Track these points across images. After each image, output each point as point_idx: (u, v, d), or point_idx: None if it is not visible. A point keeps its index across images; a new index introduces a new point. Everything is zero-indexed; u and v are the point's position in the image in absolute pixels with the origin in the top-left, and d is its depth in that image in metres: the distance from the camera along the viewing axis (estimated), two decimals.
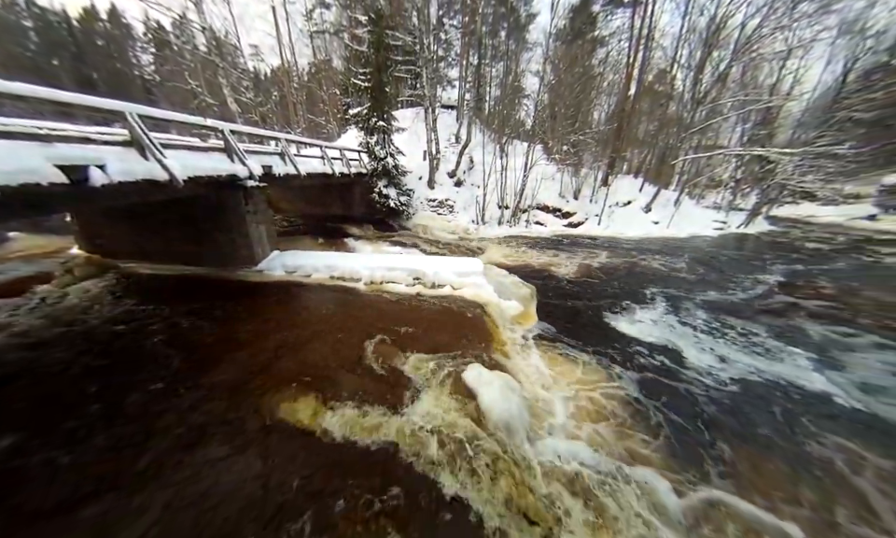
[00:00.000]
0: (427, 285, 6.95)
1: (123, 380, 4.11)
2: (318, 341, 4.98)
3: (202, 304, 6.08)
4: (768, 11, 17.63)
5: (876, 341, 6.95)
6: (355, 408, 3.66)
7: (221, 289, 6.89)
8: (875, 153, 26.48)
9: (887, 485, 3.57)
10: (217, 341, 4.95)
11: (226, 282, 7.20)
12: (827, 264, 13.44)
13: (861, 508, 3.32)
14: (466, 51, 19.75)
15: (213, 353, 4.65)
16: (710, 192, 25.95)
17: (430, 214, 16.82)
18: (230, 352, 4.67)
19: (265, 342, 4.92)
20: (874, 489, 3.52)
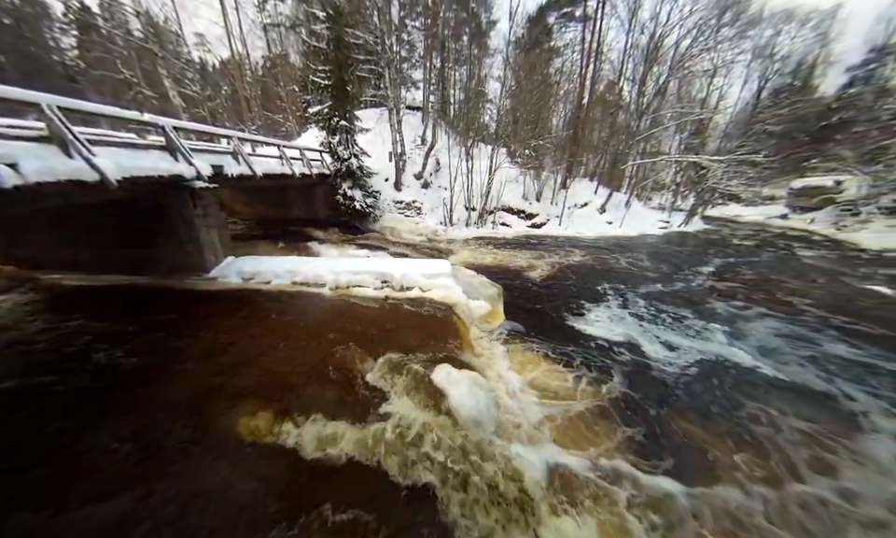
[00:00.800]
0: (396, 288, 6.89)
1: (37, 413, 3.60)
2: (280, 351, 4.74)
3: (143, 318, 5.50)
4: (697, 34, 19.86)
5: (783, 318, 8.17)
6: (321, 418, 3.53)
7: (167, 299, 6.28)
8: (784, 161, 30.86)
9: (793, 431, 4.21)
10: (162, 358, 4.51)
11: (173, 292, 6.57)
12: (751, 257, 15.42)
13: (778, 453, 3.88)
14: (429, 54, 19.86)
15: (158, 372, 4.23)
16: (656, 195, 28.54)
17: (398, 216, 16.66)
18: (179, 370, 4.28)
19: (221, 355, 4.58)
20: (785, 438, 4.13)
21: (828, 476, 3.78)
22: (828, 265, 14.36)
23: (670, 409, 4.73)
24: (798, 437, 4.37)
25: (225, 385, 3.99)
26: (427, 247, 13.55)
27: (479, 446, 3.38)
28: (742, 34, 21.95)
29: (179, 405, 3.66)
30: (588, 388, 5.00)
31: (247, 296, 6.54)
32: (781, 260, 15.21)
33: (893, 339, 7.32)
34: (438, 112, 22.60)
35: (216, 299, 6.41)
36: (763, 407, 4.91)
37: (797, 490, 3.58)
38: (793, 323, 8.04)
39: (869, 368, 6.18)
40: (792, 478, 3.73)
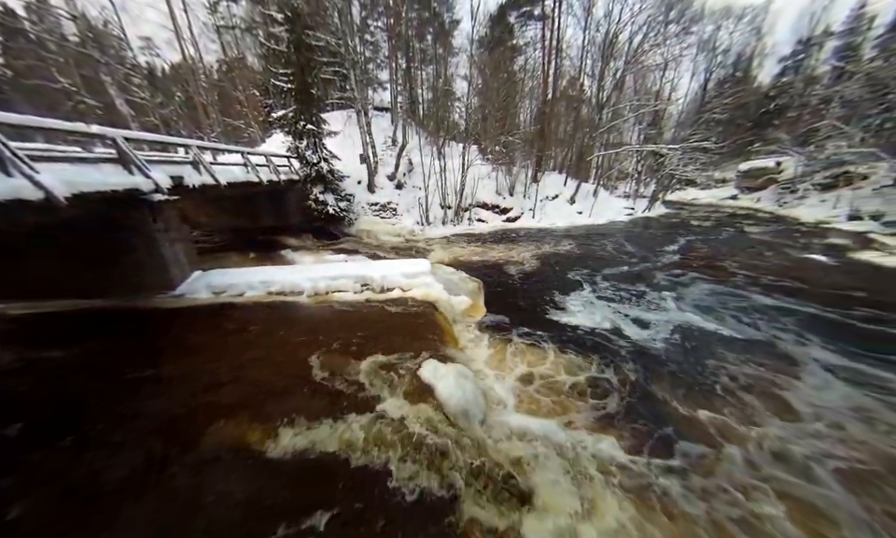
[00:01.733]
0: (376, 290, 6.88)
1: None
2: (260, 363, 4.62)
3: (104, 343, 5.15)
4: (647, 30, 21.09)
5: (736, 287, 9.00)
6: (310, 425, 3.51)
7: (132, 321, 5.91)
8: (732, 146, 33.43)
9: (746, 377, 4.70)
10: (132, 385, 4.27)
11: (137, 313, 6.18)
12: (707, 236, 16.67)
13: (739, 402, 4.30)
14: (394, 54, 19.75)
15: (129, 401, 4.01)
16: (621, 183, 30.03)
17: (373, 218, 16.49)
18: (153, 395, 4.07)
19: (196, 375, 4.39)
20: (739, 385, 4.58)
21: (779, 410, 4.25)
22: (772, 239, 15.80)
23: (642, 377, 5.08)
24: (750, 381, 4.89)
25: (205, 404, 3.84)
26: (406, 247, 13.54)
27: (468, 434, 3.50)
28: (687, 29, 23.58)
29: (156, 431, 3.50)
30: (566, 366, 5.26)
31: (220, 311, 6.29)
32: (733, 237, 16.56)
33: (828, 296, 8.29)
34: (407, 112, 22.55)
35: (185, 316, 6.11)
36: (721, 362, 5.46)
37: (758, 433, 4.01)
38: (744, 291, 8.84)
39: (807, 318, 6.99)
40: (751, 423, 4.16)
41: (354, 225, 15.54)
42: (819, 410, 4.56)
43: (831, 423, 4.33)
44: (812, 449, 3.89)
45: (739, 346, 6.20)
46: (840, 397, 4.85)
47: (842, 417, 4.44)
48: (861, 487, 3.46)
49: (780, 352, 5.98)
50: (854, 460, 3.78)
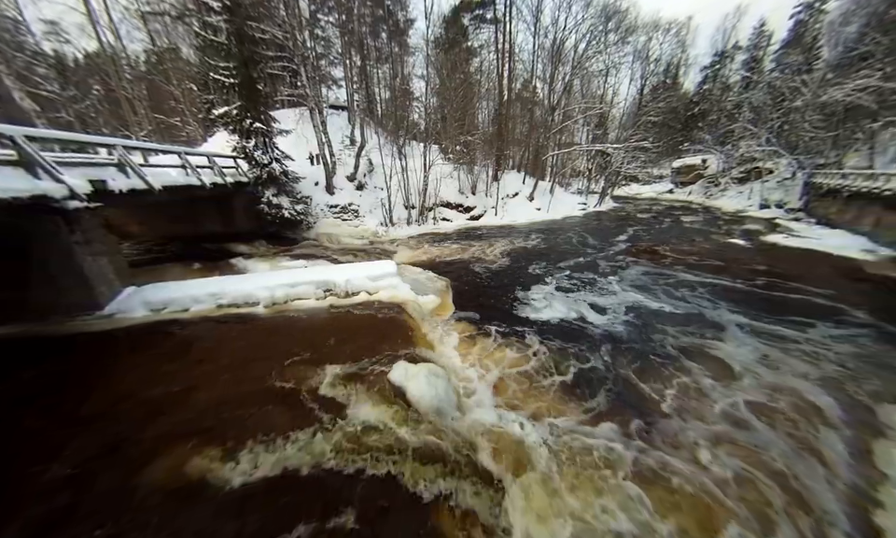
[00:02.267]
0: (340, 295, 6.61)
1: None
2: (212, 383, 4.21)
3: (10, 380, 4.36)
4: (590, 38, 22.66)
5: (674, 269, 10.02)
6: (272, 443, 3.27)
7: (48, 349, 5.06)
8: (666, 146, 37.13)
9: (685, 346, 5.25)
10: (43, 431, 3.65)
11: (56, 339, 5.31)
12: (649, 226, 18.36)
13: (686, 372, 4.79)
14: (347, 50, 19.09)
15: (43, 450, 3.43)
16: (574, 180, 31.97)
17: (334, 221, 15.83)
18: (78, 433, 3.52)
19: (134, 404, 3.88)
20: (683, 351, 5.11)
21: (716, 374, 4.81)
22: (702, 227, 17.84)
23: (602, 358, 5.45)
24: (687, 346, 5.51)
25: (143, 439, 3.41)
26: (370, 249, 13.19)
27: (443, 432, 3.50)
28: (623, 39, 25.76)
29: (71, 484, 3.03)
30: (534, 356, 5.48)
31: (160, 329, 5.63)
32: (671, 227, 18.42)
33: (743, 272, 9.61)
34: (364, 111, 21.96)
35: (117, 339, 5.38)
36: (665, 334, 6.05)
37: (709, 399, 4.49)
38: (680, 272, 9.90)
39: (728, 291, 8.06)
40: (692, 380, 4.65)
41: (313, 229, 14.80)
42: (739, 362, 5.32)
43: (748, 371, 5.11)
44: (739, 396, 4.49)
45: (678, 318, 7.02)
46: (751, 350, 5.76)
47: (755, 365, 5.29)
48: (775, 419, 4.12)
49: (708, 320, 6.93)
50: (768, 398, 4.46)
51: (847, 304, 7.64)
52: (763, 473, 3.47)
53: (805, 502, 3.19)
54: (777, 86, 25.90)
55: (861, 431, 4.09)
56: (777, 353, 5.71)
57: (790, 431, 4.06)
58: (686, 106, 37.85)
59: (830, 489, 3.33)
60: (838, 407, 4.44)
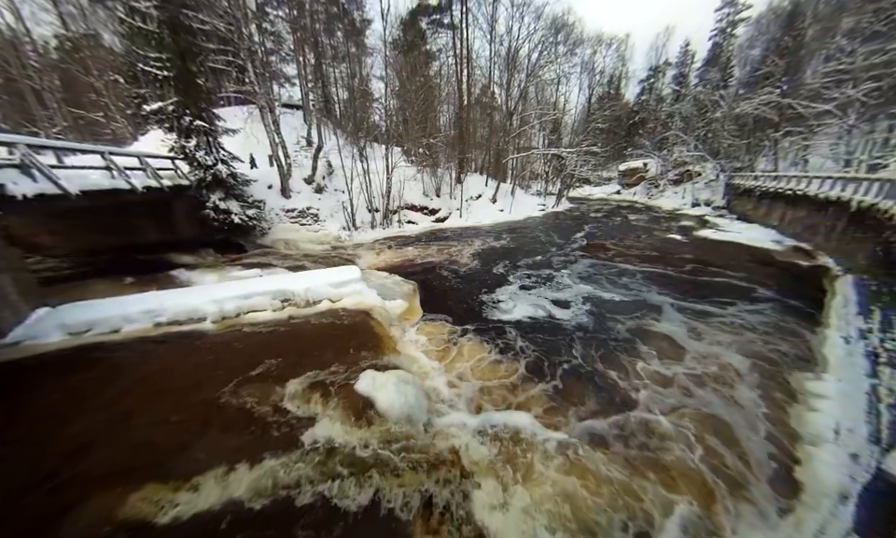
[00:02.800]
0: (300, 304, 6.22)
1: None
2: (150, 412, 3.73)
3: None
4: (542, 48, 23.92)
5: (624, 262, 10.91)
6: (225, 474, 2.96)
7: None
8: (612, 150, 40.34)
9: (638, 329, 5.71)
10: None
11: None
12: (602, 225, 19.76)
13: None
14: (300, 47, 18.20)
15: None
16: (534, 183, 33.47)
17: (291, 226, 14.93)
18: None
19: (48, 444, 3.30)
20: (636, 335, 5.54)
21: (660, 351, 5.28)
22: (645, 224, 19.60)
23: (565, 350, 5.72)
24: (635, 327, 6.02)
25: (59, 486, 2.90)
26: (333, 255, 12.64)
27: (414, 438, 3.42)
28: (571, 51, 27.62)
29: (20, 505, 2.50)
30: (502, 355, 5.60)
31: (84, 355, 4.87)
32: (619, 224, 20.00)
33: (679, 262, 10.77)
34: (321, 111, 21.07)
35: (26, 370, 4.55)
36: (617, 320, 6.53)
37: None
38: (629, 265, 10.84)
39: (666, 278, 8.97)
40: (641, 359, 5.06)
41: (268, 235, 13.83)
42: (677, 336, 5.99)
43: (684, 342, 5.77)
44: (680, 368, 4.99)
45: (628, 303, 7.81)
46: (685, 326, 6.56)
47: (688, 338, 6.06)
48: (706, 380, 4.68)
49: (651, 303, 7.83)
50: (700, 364, 5.05)
51: (759, 285, 8.90)
52: (704, 424, 3.87)
53: (739, 447, 3.62)
54: (701, 99, 29.38)
55: (772, 388, 4.75)
56: (705, 326, 6.59)
57: (718, 389, 4.71)
58: (628, 115, 41.43)
59: (756, 436, 3.83)
60: (755, 368, 5.17)
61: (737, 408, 4.45)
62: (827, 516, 2.79)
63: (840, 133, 17.99)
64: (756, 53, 30.49)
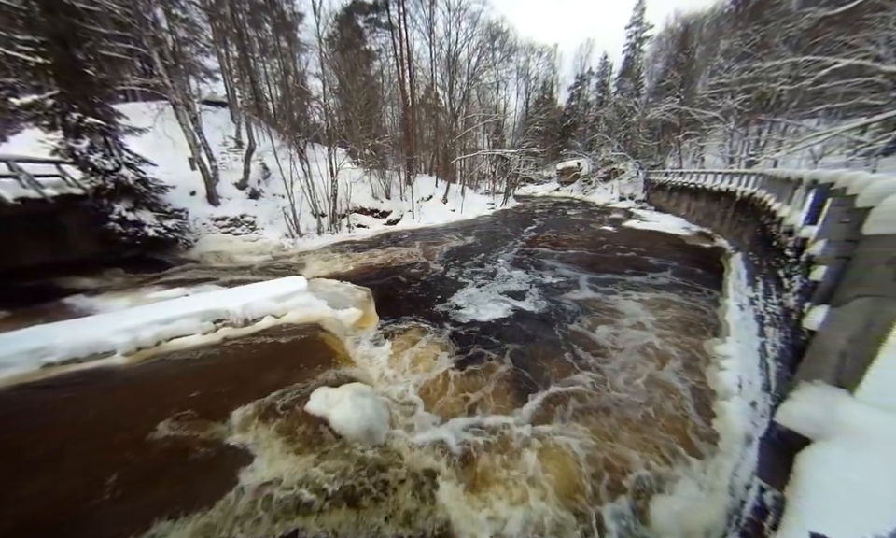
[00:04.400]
0: (237, 324, 5.56)
1: None
2: (37, 481, 2.99)
3: None
4: (480, 53, 24.83)
5: (566, 252, 11.81)
6: (157, 525, 2.49)
7: None
8: (550, 151, 43.55)
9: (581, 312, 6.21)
10: None
11: None
12: (546, 220, 21.17)
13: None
14: (220, 38, 16.40)
15: None
16: (482, 182, 34.61)
17: (223, 236, 13.36)
18: None
19: None
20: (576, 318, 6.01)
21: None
22: (582, 218, 21.48)
23: (521, 346, 5.97)
24: (580, 311, 6.51)
25: None
26: (275, 265, 11.59)
27: (374, 453, 3.25)
28: (508, 57, 29.12)
29: None
30: (461, 357, 5.64)
31: None
32: (560, 219, 21.64)
33: (609, 249, 12.01)
34: (252, 109, 19.24)
35: None
36: (566, 305, 7.01)
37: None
38: (571, 254, 11.77)
39: (603, 263, 9.88)
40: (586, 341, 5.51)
41: (194, 248, 12.19)
42: (616, 315, 6.59)
43: (621, 313, 6.33)
44: (621, 340, 5.54)
45: (575, 290, 8.50)
46: (620, 300, 7.46)
47: (624, 316, 6.68)
48: (636, 342, 5.20)
49: (592, 286, 8.64)
50: (635, 339, 5.63)
51: (675, 265, 10.37)
52: (642, 387, 4.34)
53: (670, 405, 4.12)
54: (620, 106, 33.14)
55: (691, 353, 5.53)
56: (638, 304, 7.48)
57: (650, 355, 5.39)
58: (561, 119, 45.07)
59: (684, 395, 4.42)
60: (676, 336, 5.96)
61: (667, 371, 5.08)
62: (738, 460, 3.29)
63: (725, 135, 21.70)
64: (659, 67, 35.36)
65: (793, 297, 3.88)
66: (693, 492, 3.20)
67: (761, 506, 1.65)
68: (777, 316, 4.42)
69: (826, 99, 13.01)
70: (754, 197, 9.94)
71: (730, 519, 2.66)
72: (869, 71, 9.58)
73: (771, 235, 6.51)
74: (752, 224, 9.45)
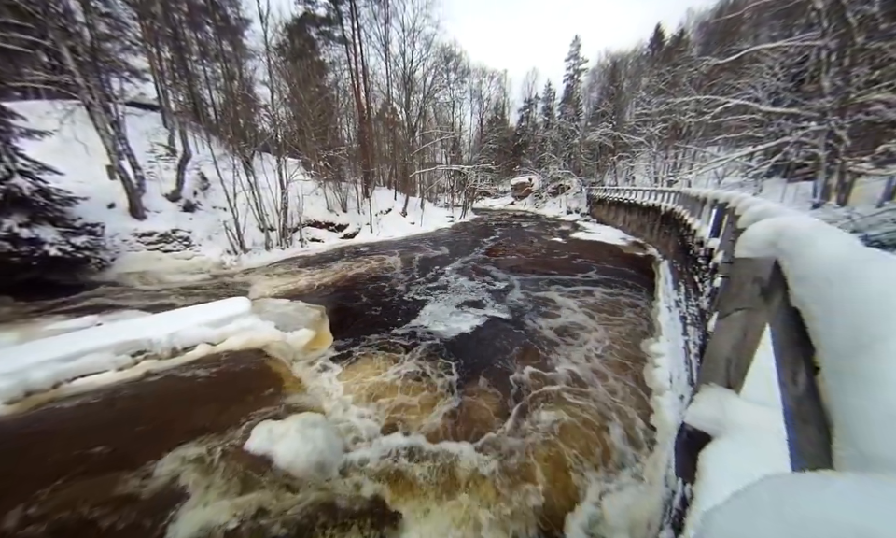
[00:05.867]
0: (163, 355, 4.87)
1: None
2: None
3: None
4: (435, 73, 25.69)
5: (520, 261, 12.36)
6: None
7: None
8: (504, 167, 45.96)
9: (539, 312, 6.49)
10: None
11: None
12: (502, 232, 22.07)
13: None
14: (150, 37, 14.92)
15: None
16: (441, 196, 35.20)
17: (149, 254, 11.80)
18: None
19: None
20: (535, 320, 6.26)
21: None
22: (535, 231, 22.79)
23: (481, 358, 6.03)
24: (533, 316, 6.81)
25: None
26: (214, 286, 10.48)
27: (326, 487, 3.00)
28: (461, 79, 30.51)
29: None
30: (421, 375, 5.52)
31: None
32: (515, 231, 22.74)
33: (557, 257, 12.85)
34: (189, 115, 17.61)
35: None
36: (524, 309, 7.27)
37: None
38: (525, 263, 12.36)
39: (554, 270, 10.53)
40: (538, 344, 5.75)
41: (111, 268, 10.59)
42: (562, 319, 6.98)
43: (569, 310, 6.73)
44: (571, 346, 5.86)
45: (530, 297, 8.90)
46: (569, 302, 7.86)
47: (571, 311, 7.11)
48: (579, 337, 5.55)
49: (545, 293, 9.11)
50: (582, 343, 6.01)
51: (615, 272, 11.43)
52: (587, 385, 4.62)
53: (613, 403, 4.43)
54: (563, 128, 36.29)
55: (631, 352, 6.05)
56: (584, 310, 8.02)
57: (596, 355, 5.82)
58: (513, 138, 48.03)
59: (625, 392, 4.77)
60: (618, 338, 6.49)
61: (610, 372, 5.47)
62: (671, 453, 3.62)
63: (650, 157, 24.76)
64: (595, 96, 39.52)
65: (705, 300, 4.45)
66: (638, 485, 3.44)
67: (684, 497, 1.81)
68: (696, 317, 5.03)
69: (723, 130, 15.59)
70: (674, 212, 11.39)
71: (664, 510, 2.89)
72: (751, 110, 11.70)
73: (688, 246, 7.48)
74: (674, 235, 10.79)
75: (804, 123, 10.18)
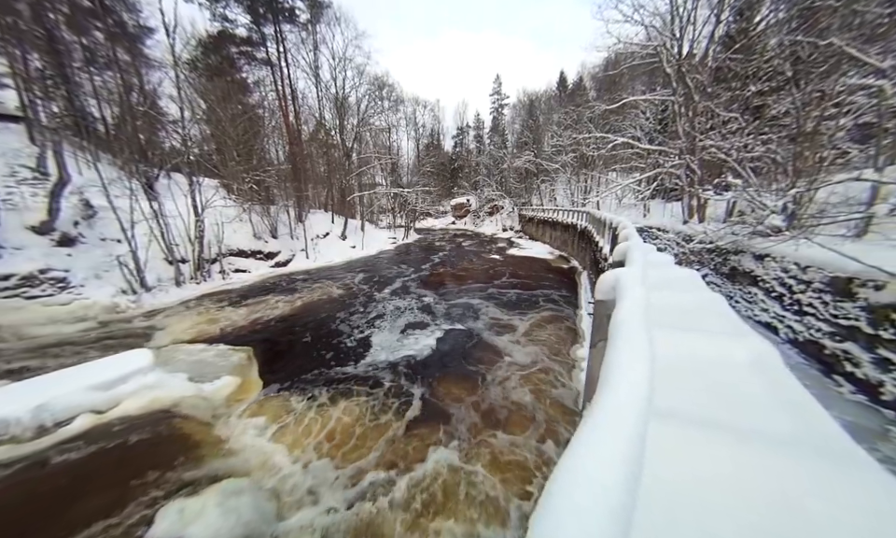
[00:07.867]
0: (25, 437, 3.84)
1: None
2: None
3: None
4: (368, 100, 26.05)
5: (457, 280, 12.83)
6: None
7: None
8: (443, 189, 47.75)
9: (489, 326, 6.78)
10: None
11: None
12: (445, 251, 22.68)
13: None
14: (11, 35, 12.34)
15: None
16: (383, 217, 34.85)
17: (5, 303, 9.27)
18: None
19: None
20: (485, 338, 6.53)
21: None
22: (475, 249, 23.94)
23: (427, 389, 6.01)
24: (475, 333, 7.09)
25: None
26: (103, 336, 8.64)
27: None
28: (395, 107, 31.42)
29: None
30: (362, 414, 5.28)
31: None
32: (456, 250, 23.60)
33: (494, 273, 13.69)
34: (69, 129, 14.72)
35: None
36: (470, 328, 7.51)
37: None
38: (468, 281, 12.85)
39: (491, 284, 11.18)
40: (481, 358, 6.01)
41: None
42: (502, 329, 7.44)
43: (509, 321, 7.20)
44: (514, 355, 6.25)
45: (473, 313, 9.33)
46: (508, 313, 8.23)
47: (514, 333, 7.53)
48: (521, 345, 5.99)
49: (486, 307, 9.45)
50: (524, 352, 6.48)
51: (542, 282, 12.66)
52: (529, 386, 4.97)
53: (549, 402, 4.84)
54: (494, 154, 39.56)
55: (561, 356, 6.71)
56: (523, 320, 8.70)
57: (534, 360, 6.18)
58: (449, 162, 50.52)
59: (557, 394, 5.25)
60: (549, 342, 7.12)
61: (542, 376, 5.97)
62: None
63: (566, 181, 28.31)
64: (518, 127, 44.05)
65: None
66: None
67: None
68: None
69: (619, 161, 18.76)
70: (587, 230, 13.20)
71: None
72: (635, 147, 14.42)
73: (597, 260, 8.73)
74: (588, 250, 12.46)
75: (670, 158, 12.88)
